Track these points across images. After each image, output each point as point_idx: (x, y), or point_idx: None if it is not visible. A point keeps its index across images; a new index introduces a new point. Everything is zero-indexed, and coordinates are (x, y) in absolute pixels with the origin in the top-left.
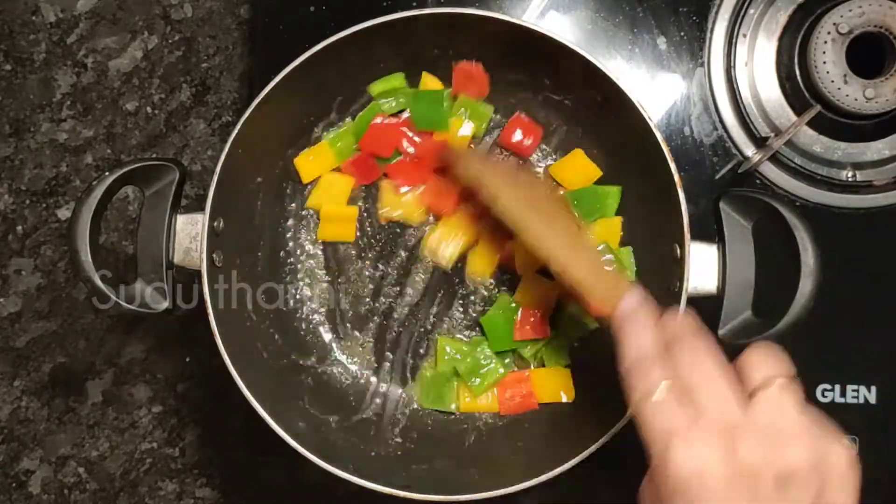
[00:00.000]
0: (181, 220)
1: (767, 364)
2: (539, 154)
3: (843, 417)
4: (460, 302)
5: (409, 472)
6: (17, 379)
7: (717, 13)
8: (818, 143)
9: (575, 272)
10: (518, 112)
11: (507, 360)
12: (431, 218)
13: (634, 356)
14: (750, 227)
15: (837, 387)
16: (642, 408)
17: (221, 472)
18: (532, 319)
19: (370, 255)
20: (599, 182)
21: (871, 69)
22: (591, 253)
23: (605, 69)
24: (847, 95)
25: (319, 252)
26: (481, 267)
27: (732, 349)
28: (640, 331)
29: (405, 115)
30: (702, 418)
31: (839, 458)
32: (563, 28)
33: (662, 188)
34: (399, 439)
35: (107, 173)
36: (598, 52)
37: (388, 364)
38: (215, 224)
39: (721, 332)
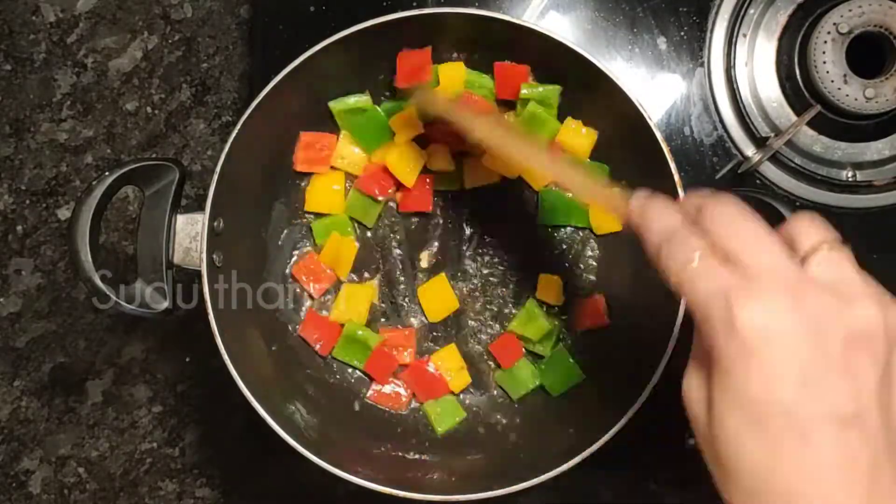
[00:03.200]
0: (181, 220)
1: (815, 229)
2: None
3: None
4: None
5: (408, 473)
6: (17, 379)
7: (717, 13)
8: (818, 143)
9: (570, 178)
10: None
11: None
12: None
13: (662, 232)
14: None
15: None
16: (684, 276)
17: (221, 472)
18: None
19: (373, 253)
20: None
21: (871, 69)
22: (581, 168)
23: (606, 69)
24: (847, 95)
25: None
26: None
27: None
28: (661, 211)
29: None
30: (759, 275)
31: None
32: (563, 28)
33: (662, 188)
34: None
35: (107, 173)
36: (598, 52)
37: None
38: (215, 224)
39: None
